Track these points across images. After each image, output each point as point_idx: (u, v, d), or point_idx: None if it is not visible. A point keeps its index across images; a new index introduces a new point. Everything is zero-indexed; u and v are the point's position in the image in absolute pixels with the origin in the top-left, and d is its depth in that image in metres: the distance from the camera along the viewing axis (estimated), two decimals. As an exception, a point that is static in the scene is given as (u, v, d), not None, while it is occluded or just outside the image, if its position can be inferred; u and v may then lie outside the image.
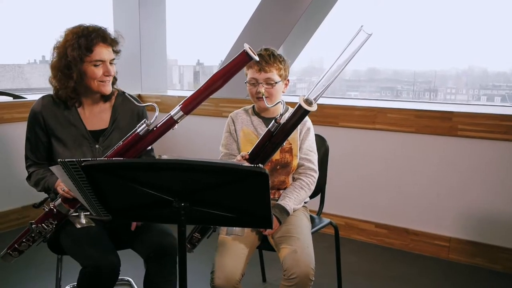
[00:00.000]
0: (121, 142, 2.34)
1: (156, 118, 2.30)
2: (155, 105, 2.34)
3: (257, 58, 2.20)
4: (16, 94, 5.11)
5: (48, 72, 2.61)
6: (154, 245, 2.54)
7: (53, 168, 2.16)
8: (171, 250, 2.52)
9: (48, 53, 2.60)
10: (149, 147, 2.37)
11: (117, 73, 2.67)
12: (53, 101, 2.65)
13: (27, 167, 2.70)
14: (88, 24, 2.55)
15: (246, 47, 2.15)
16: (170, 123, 2.29)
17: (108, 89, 2.60)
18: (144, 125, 2.29)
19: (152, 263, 2.54)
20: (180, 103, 2.28)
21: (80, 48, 2.48)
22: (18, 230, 4.14)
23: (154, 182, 1.81)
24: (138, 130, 2.30)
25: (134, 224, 2.65)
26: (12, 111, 4.63)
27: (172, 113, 2.27)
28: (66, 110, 2.63)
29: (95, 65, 2.52)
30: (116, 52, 2.62)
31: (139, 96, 5.63)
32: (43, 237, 2.52)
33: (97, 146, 2.64)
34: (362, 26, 2.25)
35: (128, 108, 2.74)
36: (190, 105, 2.26)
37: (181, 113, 2.26)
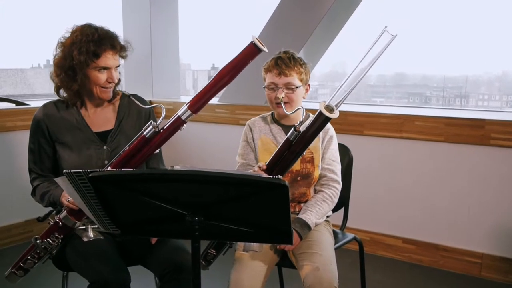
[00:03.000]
0: (127, 147, 2.34)
1: (163, 119, 2.31)
2: (161, 106, 2.36)
3: (266, 49, 2.18)
4: (19, 100, 5.15)
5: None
6: (169, 262, 2.52)
7: (58, 180, 2.16)
8: (187, 268, 2.49)
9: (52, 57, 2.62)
10: (157, 151, 2.38)
11: (120, 74, 2.69)
12: (55, 107, 2.67)
13: (31, 181, 2.70)
14: (98, 25, 2.56)
15: (254, 38, 2.15)
16: (178, 124, 2.29)
17: (108, 95, 2.63)
18: (151, 127, 2.29)
19: (167, 281, 2.51)
20: (187, 102, 2.28)
21: (88, 52, 2.49)
22: (21, 245, 4.16)
23: (166, 194, 1.81)
24: (144, 133, 2.30)
25: (154, 239, 2.64)
26: (14, 119, 4.66)
27: (179, 112, 2.27)
28: (69, 114, 2.66)
29: (100, 71, 2.54)
30: (123, 57, 2.64)
31: (150, 102, 5.59)
32: (49, 253, 2.51)
33: (105, 147, 2.65)
34: (386, 27, 2.24)
35: (134, 109, 2.76)
36: (198, 103, 2.26)
37: (189, 112, 2.26)
